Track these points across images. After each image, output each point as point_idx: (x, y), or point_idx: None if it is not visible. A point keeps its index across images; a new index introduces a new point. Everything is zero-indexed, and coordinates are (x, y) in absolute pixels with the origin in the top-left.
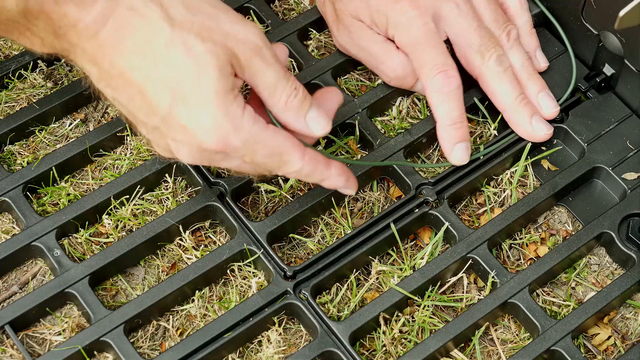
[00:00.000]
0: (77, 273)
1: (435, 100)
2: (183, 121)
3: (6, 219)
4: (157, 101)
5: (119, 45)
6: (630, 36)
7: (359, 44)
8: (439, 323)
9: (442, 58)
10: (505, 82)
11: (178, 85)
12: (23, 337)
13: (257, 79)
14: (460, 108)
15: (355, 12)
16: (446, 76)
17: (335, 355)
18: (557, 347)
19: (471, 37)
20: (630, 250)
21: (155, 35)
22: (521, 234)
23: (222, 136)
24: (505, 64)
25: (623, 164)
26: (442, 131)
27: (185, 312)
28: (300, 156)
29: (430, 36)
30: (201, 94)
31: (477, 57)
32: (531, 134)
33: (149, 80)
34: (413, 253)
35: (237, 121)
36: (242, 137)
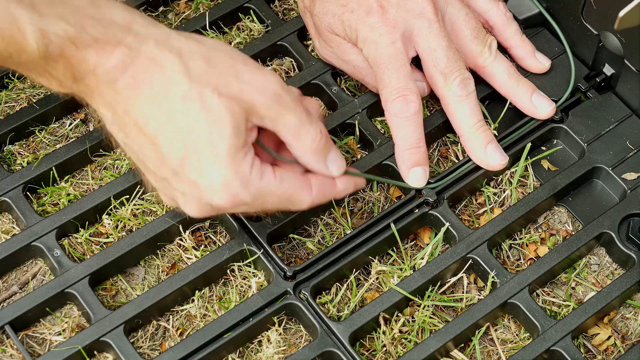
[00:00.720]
0: (77, 273)
1: (393, 124)
2: (194, 177)
3: (6, 219)
4: (169, 154)
5: (135, 94)
6: (630, 36)
7: (341, 57)
8: (439, 323)
9: (403, 82)
10: (465, 107)
11: (191, 140)
12: (23, 337)
13: (278, 125)
14: (417, 132)
15: (330, 27)
16: (405, 101)
17: (335, 355)
18: (557, 347)
19: (437, 57)
20: (630, 250)
21: (173, 87)
22: (521, 234)
23: (232, 194)
24: (469, 89)
25: (623, 164)
26: (400, 154)
27: (185, 312)
28: (309, 194)
29: (396, 57)
30: (214, 151)
31: (440, 78)
32: (484, 162)
33: (162, 132)
34: (413, 253)
35: (246, 178)
36: (251, 192)
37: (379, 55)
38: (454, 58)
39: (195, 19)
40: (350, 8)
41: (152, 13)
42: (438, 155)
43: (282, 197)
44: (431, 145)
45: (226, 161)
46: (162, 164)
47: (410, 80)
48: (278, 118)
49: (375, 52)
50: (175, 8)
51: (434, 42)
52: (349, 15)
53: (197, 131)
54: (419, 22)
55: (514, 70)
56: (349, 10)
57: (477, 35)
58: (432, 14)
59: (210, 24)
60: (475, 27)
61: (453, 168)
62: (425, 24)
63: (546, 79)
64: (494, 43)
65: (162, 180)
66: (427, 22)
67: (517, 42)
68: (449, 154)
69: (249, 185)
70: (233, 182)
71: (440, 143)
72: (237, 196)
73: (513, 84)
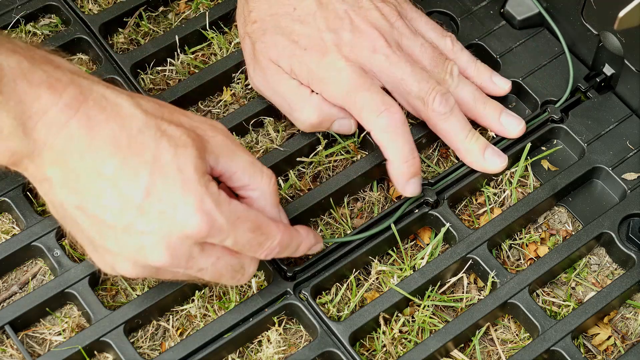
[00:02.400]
0: (77, 273)
1: (383, 141)
2: (162, 206)
3: (6, 219)
4: (132, 189)
5: (90, 133)
6: (630, 36)
7: (273, 88)
8: (439, 323)
9: (380, 97)
10: (453, 122)
11: (156, 167)
12: (23, 337)
13: (233, 164)
14: (409, 143)
15: (276, 58)
16: (389, 114)
17: (335, 355)
18: (557, 347)
19: (408, 84)
20: (630, 250)
21: (129, 121)
22: (521, 234)
23: (207, 214)
24: (450, 103)
25: (623, 164)
26: (395, 168)
27: (185, 312)
28: (276, 226)
29: (362, 80)
30: (182, 172)
31: (419, 103)
32: (484, 167)
33: (123, 167)
34: (413, 253)
35: (218, 198)
36: (224, 213)
37: (344, 86)
38: (424, 79)
39: (195, 19)
40: (302, 45)
41: (152, 13)
42: (438, 155)
43: (254, 224)
44: (431, 145)
45: (196, 180)
46: (124, 206)
47: (386, 94)
48: (233, 156)
49: (340, 85)
50: (175, 8)
51: (399, 71)
52: (302, 52)
53: (161, 157)
54: (375, 58)
55: (479, 93)
56: (301, 48)
57: (436, 63)
58: (386, 47)
59: (210, 24)
60: (433, 56)
61: (453, 168)
62: (381, 58)
63: (546, 79)
64: (454, 68)
65: (123, 232)
66: (383, 57)
67: (472, 72)
68: (449, 153)
69: (221, 205)
70: (206, 201)
71: (440, 143)
72: (212, 217)
73: (480, 107)
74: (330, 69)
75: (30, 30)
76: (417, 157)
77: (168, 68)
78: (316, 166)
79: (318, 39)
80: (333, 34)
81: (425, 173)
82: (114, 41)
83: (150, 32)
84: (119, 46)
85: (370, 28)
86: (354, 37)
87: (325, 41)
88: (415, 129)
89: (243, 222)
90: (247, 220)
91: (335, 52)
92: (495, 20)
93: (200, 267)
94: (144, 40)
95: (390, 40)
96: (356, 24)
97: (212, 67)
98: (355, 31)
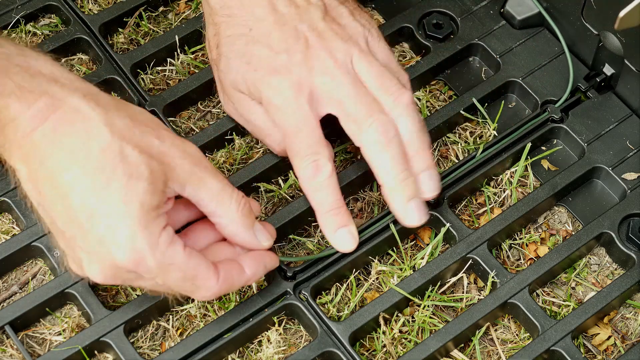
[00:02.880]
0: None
1: (307, 190)
2: (101, 231)
3: (6, 219)
4: (79, 208)
5: (52, 144)
6: (630, 36)
7: (243, 116)
8: (439, 323)
9: (313, 147)
10: (386, 155)
11: (105, 194)
12: (23, 337)
13: (201, 191)
14: (335, 194)
15: (234, 83)
16: (317, 167)
17: (335, 355)
18: (557, 347)
19: (348, 106)
20: (630, 250)
21: (94, 139)
22: (521, 234)
23: (137, 252)
24: (389, 133)
25: (623, 164)
26: (321, 219)
27: (185, 312)
28: (215, 281)
29: (303, 122)
30: (126, 205)
31: (353, 127)
32: (402, 217)
33: (75, 184)
34: (413, 253)
35: (154, 239)
36: (156, 258)
37: (286, 123)
38: (367, 102)
39: (195, 19)
40: (254, 66)
41: (152, 13)
42: (438, 155)
43: (186, 275)
44: (431, 145)
45: (137, 216)
46: (70, 220)
47: (320, 145)
48: (200, 184)
49: (282, 118)
50: (175, 8)
51: (342, 92)
52: (253, 73)
53: (112, 183)
54: (322, 79)
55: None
56: (252, 69)
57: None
58: (334, 67)
59: None
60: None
61: (453, 168)
62: (328, 79)
63: (546, 79)
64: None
65: (69, 240)
66: (329, 77)
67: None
68: (449, 154)
69: (155, 249)
70: (140, 240)
71: (440, 143)
72: (141, 256)
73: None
74: (277, 94)
75: (30, 30)
76: (344, 207)
77: (168, 68)
78: None
79: (270, 59)
80: (285, 54)
81: None
82: (114, 41)
83: (150, 32)
84: (119, 46)
85: (323, 49)
86: (305, 57)
87: (276, 62)
88: None
89: (176, 270)
90: (181, 270)
91: (284, 75)
92: (495, 20)
93: (139, 284)
94: (144, 40)
95: (341, 61)
96: (310, 44)
97: None
98: (307, 52)
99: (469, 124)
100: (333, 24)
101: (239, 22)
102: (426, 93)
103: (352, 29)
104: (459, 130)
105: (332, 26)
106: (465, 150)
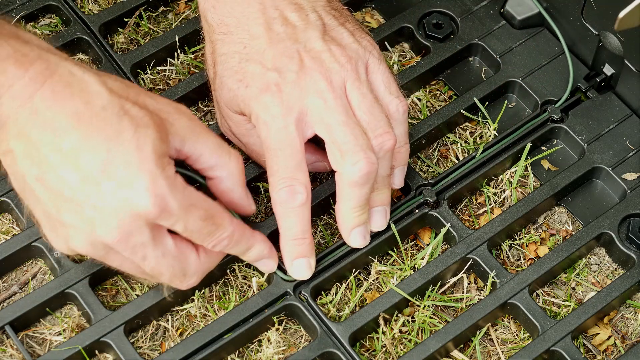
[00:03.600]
0: (77, 273)
1: (277, 213)
2: (117, 183)
3: (6, 219)
4: (90, 163)
5: (53, 107)
6: (630, 36)
7: (240, 139)
8: (439, 323)
9: (292, 172)
10: (355, 193)
11: (116, 144)
12: (23, 337)
13: (200, 146)
14: (303, 224)
15: (229, 103)
16: (292, 192)
17: (335, 355)
18: (557, 347)
19: (336, 132)
20: (630, 251)
21: (93, 97)
22: (521, 234)
23: (159, 196)
24: (369, 176)
25: (623, 164)
26: (284, 244)
27: (185, 312)
28: (230, 219)
29: (287, 143)
30: (140, 151)
31: (337, 155)
32: (345, 239)
33: (83, 141)
34: (413, 253)
35: (173, 181)
36: (177, 198)
37: (270, 140)
38: (354, 134)
39: (196, 19)
40: (245, 83)
41: (152, 13)
42: (438, 155)
43: (207, 213)
44: (431, 145)
45: (153, 161)
46: (81, 180)
47: (299, 170)
48: (199, 138)
49: (267, 135)
50: (175, 8)
51: (332, 118)
52: (244, 90)
53: (122, 134)
54: (314, 101)
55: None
56: (244, 86)
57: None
58: (328, 91)
59: None
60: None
61: (453, 168)
62: (320, 102)
63: (545, 78)
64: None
65: (78, 207)
66: (321, 100)
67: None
68: (448, 154)
69: (175, 189)
70: (160, 183)
71: (440, 143)
72: (164, 200)
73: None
74: (265, 111)
75: (30, 31)
76: (310, 238)
77: (168, 68)
78: None
79: (262, 77)
80: (277, 73)
81: (425, 173)
82: (114, 41)
83: (150, 32)
84: (119, 46)
85: (317, 70)
86: (298, 77)
87: (268, 79)
88: (415, 129)
89: (196, 209)
90: (201, 208)
91: (275, 93)
92: (495, 20)
93: (145, 255)
94: (144, 40)
95: (335, 85)
96: (305, 64)
97: None
98: (301, 72)
99: (469, 124)
100: (332, 44)
101: (234, 40)
102: (426, 93)
103: (353, 51)
104: (459, 130)
105: (331, 47)
106: (465, 150)
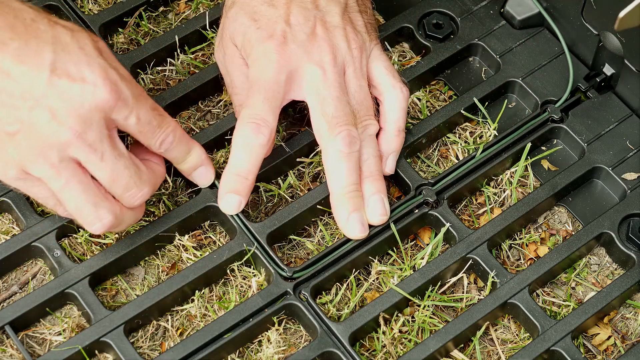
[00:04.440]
0: (77, 273)
1: (234, 144)
2: (70, 79)
3: (6, 219)
4: (38, 65)
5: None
6: (630, 36)
7: (227, 68)
8: (439, 323)
9: (265, 113)
10: (343, 165)
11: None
12: (23, 337)
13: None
14: (252, 164)
15: (233, 35)
16: (257, 129)
17: (335, 355)
18: (557, 347)
19: (327, 105)
20: (630, 250)
21: (21, 12)
22: (521, 234)
23: (114, 85)
24: (353, 147)
25: (623, 164)
26: (225, 175)
27: (185, 312)
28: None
29: (271, 86)
30: (82, 50)
31: (324, 126)
32: (343, 228)
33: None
34: (413, 253)
35: (121, 73)
36: (129, 87)
37: (259, 79)
38: (344, 111)
39: (195, 19)
40: (258, 24)
41: (152, 13)
42: (438, 155)
43: (153, 104)
44: (431, 145)
45: (98, 57)
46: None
47: (272, 114)
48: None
49: (258, 74)
50: (175, 8)
51: (326, 90)
52: (254, 30)
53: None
54: (312, 68)
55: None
56: (256, 26)
57: (362, 110)
58: (330, 65)
59: (210, 24)
60: (363, 102)
61: (453, 168)
62: (319, 71)
63: (546, 78)
64: (371, 127)
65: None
66: (321, 71)
67: (389, 133)
68: (448, 154)
69: (124, 79)
70: (111, 73)
71: (440, 143)
72: (119, 87)
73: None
74: (264, 55)
75: None
76: (251, 180)
77: (168, 68)
78: (316, 166)
79: (274, 24)
80: (290, 28)
81: (425, 173)
82: (114, 41)
83: (150, 32)
84: (119, 46)
85: (326, 42)
86: (307, 40)
87: (278, 29)
88: (415, 129)
89: (145, 98)
90: (148, 98)
91: (281, 43)
92: (495, 20)
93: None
94: (144, 40)
95: (338, 62)
96: (317, 32)
97: (212, 67)
98: (312, 37)
99: (469, 124)
100: (349, 25)
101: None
102: (426, 93)
103: (361, 40)
104: (459, 130)
105: (347, 27)
106: (465, 150)
